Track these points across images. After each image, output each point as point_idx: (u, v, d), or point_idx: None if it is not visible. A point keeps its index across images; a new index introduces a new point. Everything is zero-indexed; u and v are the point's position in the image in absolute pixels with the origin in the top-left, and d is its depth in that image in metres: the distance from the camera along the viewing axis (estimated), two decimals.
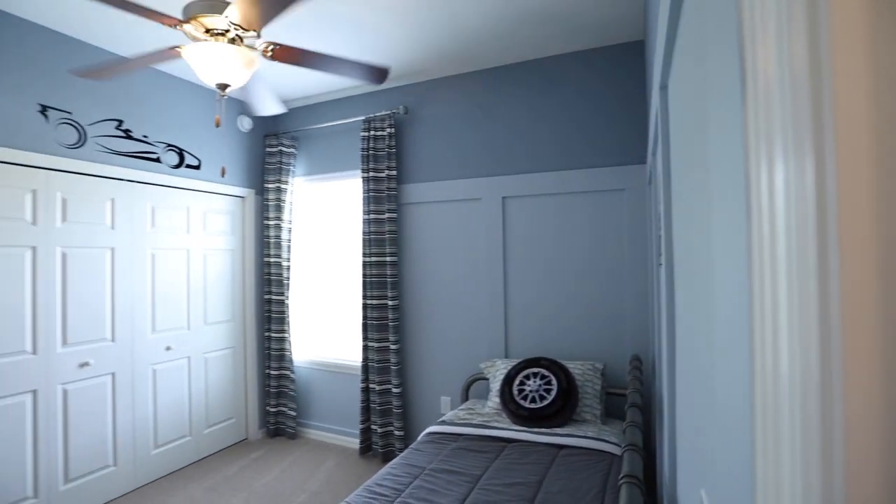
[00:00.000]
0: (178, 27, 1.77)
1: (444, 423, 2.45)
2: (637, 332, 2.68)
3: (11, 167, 2.47)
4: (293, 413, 3.73)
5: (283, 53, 1.99)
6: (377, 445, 3.28)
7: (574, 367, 2.57)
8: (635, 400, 1.70)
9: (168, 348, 3.21)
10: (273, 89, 3.52)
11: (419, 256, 3.35)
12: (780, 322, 0.28)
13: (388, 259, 3.28)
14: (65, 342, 2.68)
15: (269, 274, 3.79)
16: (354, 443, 3.59)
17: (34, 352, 2.55)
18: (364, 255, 3.34)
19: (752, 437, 0.34)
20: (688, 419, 0.92)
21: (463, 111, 3.21)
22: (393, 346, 3.24)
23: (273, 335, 3.77)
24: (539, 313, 2.96)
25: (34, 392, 2.55)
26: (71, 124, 2.72)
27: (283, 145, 3.76)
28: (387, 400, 3.29)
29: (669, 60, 1.08)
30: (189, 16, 1.75)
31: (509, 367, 2.66)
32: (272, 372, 3.78)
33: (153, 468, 3.11)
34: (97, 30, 2.66)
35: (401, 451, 3.18)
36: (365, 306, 3.33)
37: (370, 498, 1.71)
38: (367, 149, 3.36)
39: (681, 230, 1.02)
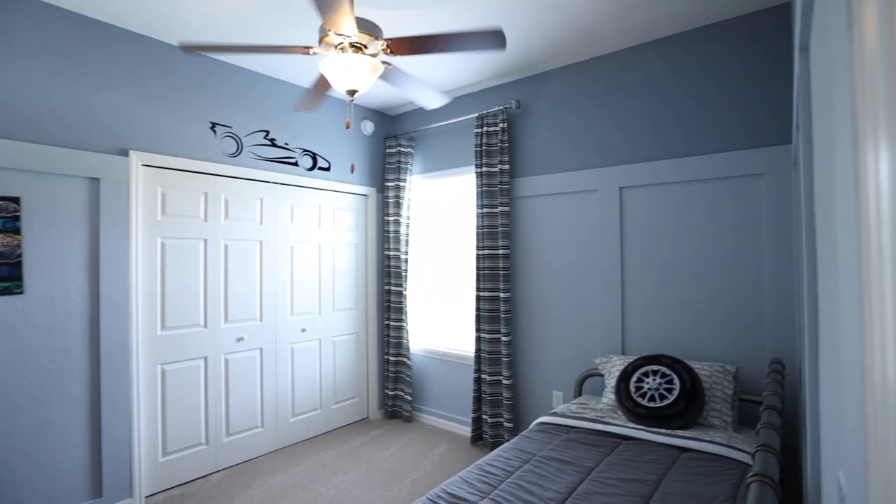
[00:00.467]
0: (311, 52, 1.99)
1: (555, 414, 2.43)
2: (780, 334, 2.38)
3: (191, 174, 3.00)
4: (409, 398, 3.96)
5: (400, 45, 2.13)
6: (487, 435, 3.35)
7: (700, 368, 2.37)
8: (773, 402, 1.53)
9: (303, 330, 3.63)
10: (394, 95, 3.78)
11: (531, 250, 3.34)
12: (886, 320, 0.26)
13: (500, 252, 3.33)
14: (226, 319, 3.17)
15: (389, 266, 4.08)
16: (466, 430, 3.71)
17: (205, 325, 3.06)
18: (477, 248, 3.43)
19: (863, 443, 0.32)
20: (830, 423, 0.83)
21: (576, 101, 3.14)
22: (504, 338, 3.29)
23: (392, 323, 4.05)
24: (659, 310, 2.78)
25: (205, 359, 3.06)
26: (232, 137, 3.21)
27: (401, 146, 4.01)
28: (497, 391, 3.34)
29: (810, 14, 0.96)
30: (323, 34, 1.98)
31: (626, 364, 2.55)
32: (391, 358, 4.06)
33: (291, 433, 3.54)
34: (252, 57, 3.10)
35: None
36: (478, 298, 3.43)
37: (481, 475, 1.77)
38: (480, 145, 3.44)
39: (823, 217, 0.90)
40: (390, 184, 4.08)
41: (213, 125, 3.11)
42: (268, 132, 3.41)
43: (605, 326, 2.97)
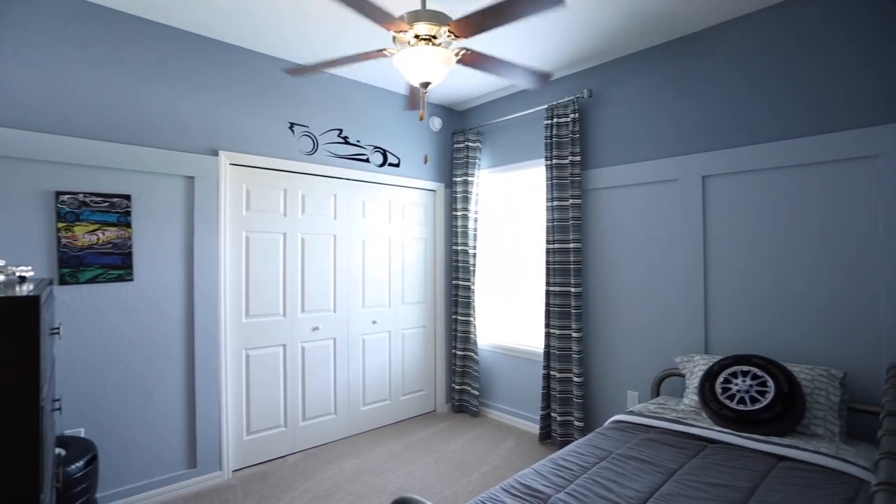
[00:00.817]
0: (398, 32, 2.01)
1: (632, 413, 2.31)
2: None
3: (272, 172, 3.19)
4: (476, 392, 3.96)
5: (470, 58, 2.13)
6: (556, 433, 3.27)
7: (799, 372, 2.16)
8: (895, 409, 1.35)
9: (374, 322, 3.74)
10: (461, 90, 3.79)
11: (604, 243, 3.22)
12: None
13: (571, 246, 3.23)
14: (303, 309, 3.33)
15: (457, 261, 4.10)
16: (533, 427, 3.64)
17: (284, 315, 3.24)
18: (547, 242, 3.36)
19: None
20: None
21: (653, 87, 2.97)
22: (575, 334, 3.19)
23: (459, 318, 4.06)
24: (748, 307, 2.56)
25: (284, 346, 3.24)
26: (308, 136, 3.36)
27: (469, 140, 4.01)
28: (567, 389, 3.25)
29: None
30: (412, 22, 2.00)
31: (710, 364, 2.38)
32: (458, 352, 4.08)
33: (362, 422, 3.66)
34: (322, 50, 3.23)
35: None
36: (548, 293, 3.35)
37: (555, 468, 1.72)
38: (550, 136, 3.36)
39: None
40: (458, 179, 4.09)
41: (292, 125, 3.27)
42: (341, 130, 3.54)
43: (686, 324, 2.79)
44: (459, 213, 4.06)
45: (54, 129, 2.42)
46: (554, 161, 3.33)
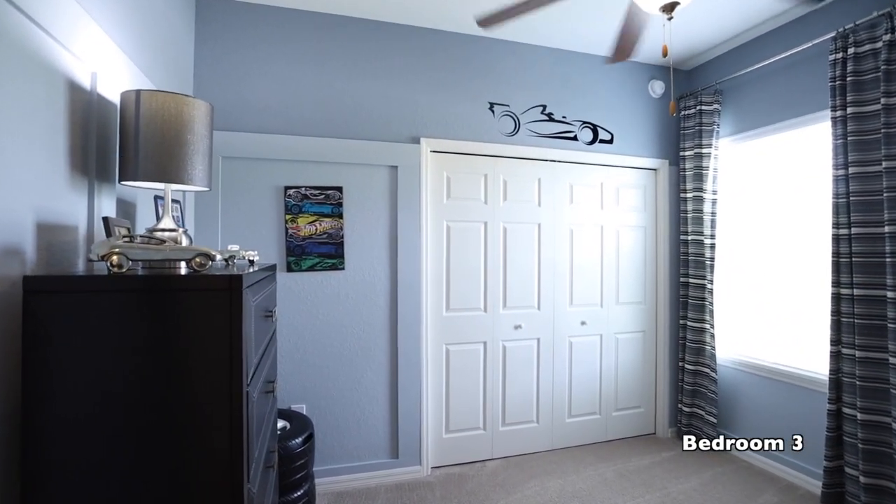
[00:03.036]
0: None
1: None
2: None
3: (472, 157, 2.99)
4: (712, 419, 3.12)
5: None
6: (856, 500, 2.27)
7: None
8: None
9: (583, 323, 3.25)
10: (688, 42, 3.00)
11: None
12: None
13: (886, 230, 2.20)
14: (504, 305, 3.05)
15: (687, 253, 3.31)
16: (809, 483, 2.64)
17: (485, 310, 3.01)
18: (835, 225, 2.38)
19: None
20: None
21: None
22: (894, 360, 2.15)
23: (690, 324, 3.27)
24: None
25: (484, 343, 3.01)
26: (509, 115, 3.07)
27: (702, 104, 3.19)
28: (881, 439, 2.22)
29: None
30: None
31: None
32: (687, 366, 3.29)
33: (566, 435, 3.21)
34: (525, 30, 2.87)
35: None
36: (838, 297, 2.37)
37: None
38: (841, 76, 2.37)
39: None
40: (688, 153, 3.30)
41: (491, 105, 3.02)
42: (545, 106, 3.15)
43: None
44: (690, 195, 3.26)
45: (282, 130, 2.62)
46: (850, 111, 2.33)
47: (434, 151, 2.90)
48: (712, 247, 3.13)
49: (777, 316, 2.94)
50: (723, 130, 3.22)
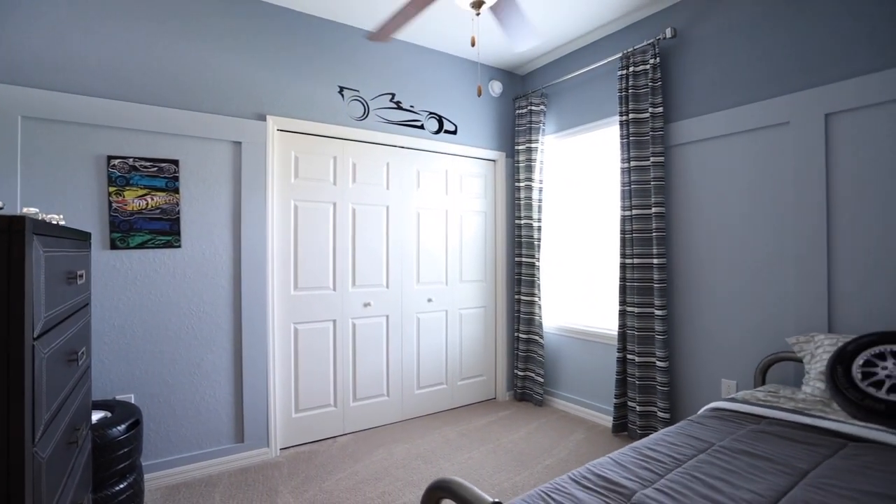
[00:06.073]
0: None
1: (734, 400, 1.87)
2: None
3: (321, 139, 3.03)
4: (541, 379, 3.59)
5: None
6: (634, 425, 2.84)
7: None
8: None
9: (429, 300, 3.49)
10: (524, 51, 3.43)
11: (693, 206, 2.74)
12: None
13: (652, 211, 2.79)
14: (354, 284, 3.15)
15: (520, 236, 3.75)
16: (605, 419, 3.22)
17: (334, 289, 3.08)
18: (623, 208, 2.93)
19: None
20: None
21: (751, 17, 2.46)
22: (658, 313, 2.74)
23: (523, 298, 3.72)
24: (890, 276, 2.01)
25: (334, 321, 3.07)
26: (359, 100, 3.17)
27: (532, 104, 3.65)
28: (649, 375, 2.81)
29: None
30: None
31: (842, 343, 1.87)
32: (521, 335, 3.73)
33: (415, 406, 3.42)
34: (376, 20, 3.00)
35: None
36: (623, 266, 2.92)
37: (640, 459, 1.36)
38: (626, 88, 2.93)
39: None
40: (521, 147, 3.74)
41: (341, 89, 3.10)
42: (393, 95, 3.32)
43: (799, 298, 2.27)
44: (522, 184, 3.71)
45: (106, 94, 2.39)
46: (630, 116, 2.90)
47: (281, 130, 2.88)
48: (539, 229, 3.61)
49: (585, 285, 3.50)
50: (548, 128, 3.72)
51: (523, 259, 3.71)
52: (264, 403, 2.77)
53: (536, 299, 3.62)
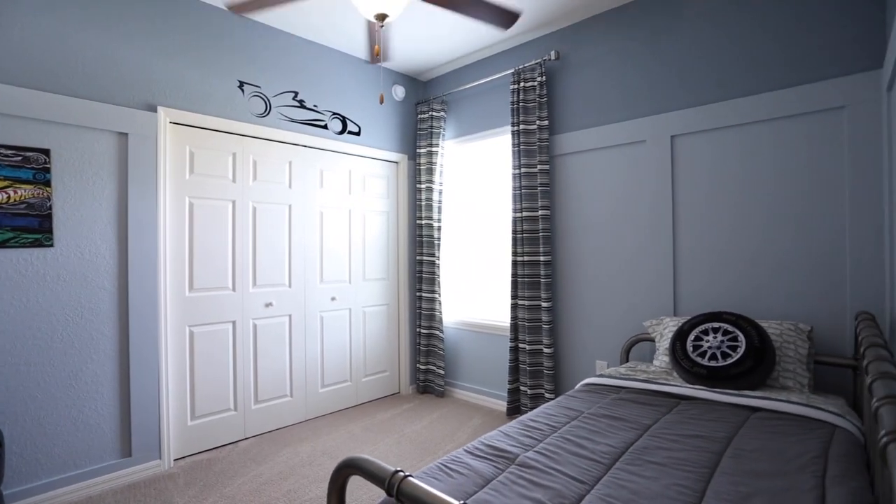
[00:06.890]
0: None
1: (602, 376, 2.21)
2: (863, 290, 2.09)
3: (219, 134, 2.93)
4: (441, 372, 3.81)
5: None
6: (526, 407, 3.16)
7: (768, 327, 2.11)
8: (879, 353, 1.28)
9: (333, 298, 3.52)
10: (425, 58, 3.60)
11: (574, 209, 3.12)
12: None
13: (539, 213, 3.12)
14: (254, 283, 3.09)
15: (421, 235, 3.93)
16: (501, 405, 3.53)
17: (233, 289, 2.99)
18: (514, 210, 3.23)
19: None
20: None
21: (622, 47, 2.89)
22: (545, 304, 3.08)
23: (424, 295, 3.90)
24: (718, 267, 2.51)
25: (233, 323, 2.99)
26: (260, 97, 3.11)
27: (433, 110, 3.85)
28: (537, 360, 3.14)
29: None
30: None
31: (680, 323, 2.31)
32: (422, 331, 3.91)
33: (320, 404, 3.45)
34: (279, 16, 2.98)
35: None
36: (515, 263, 3.23)
37: (524, 429, 1.59)
38: (517, 102, 3.24)
39: None
40: (422, 150, 3.92)
41: (241, 84, 3.02)
42: (296, 93, 3.30)
43: (656, 287, 2.72)
44: (423, 186, 3.90)
45: None
46: (521, 126, 3.21)
47: (174, 123, 2.74)
48: (439, 229, 3.82)
49: (481, 281, 3.79)
50: (448, 133, 3.95)
51: (424, 258, 3.90)
52: (155, 412, 2.61)
53: (437, 296, 3.83)
